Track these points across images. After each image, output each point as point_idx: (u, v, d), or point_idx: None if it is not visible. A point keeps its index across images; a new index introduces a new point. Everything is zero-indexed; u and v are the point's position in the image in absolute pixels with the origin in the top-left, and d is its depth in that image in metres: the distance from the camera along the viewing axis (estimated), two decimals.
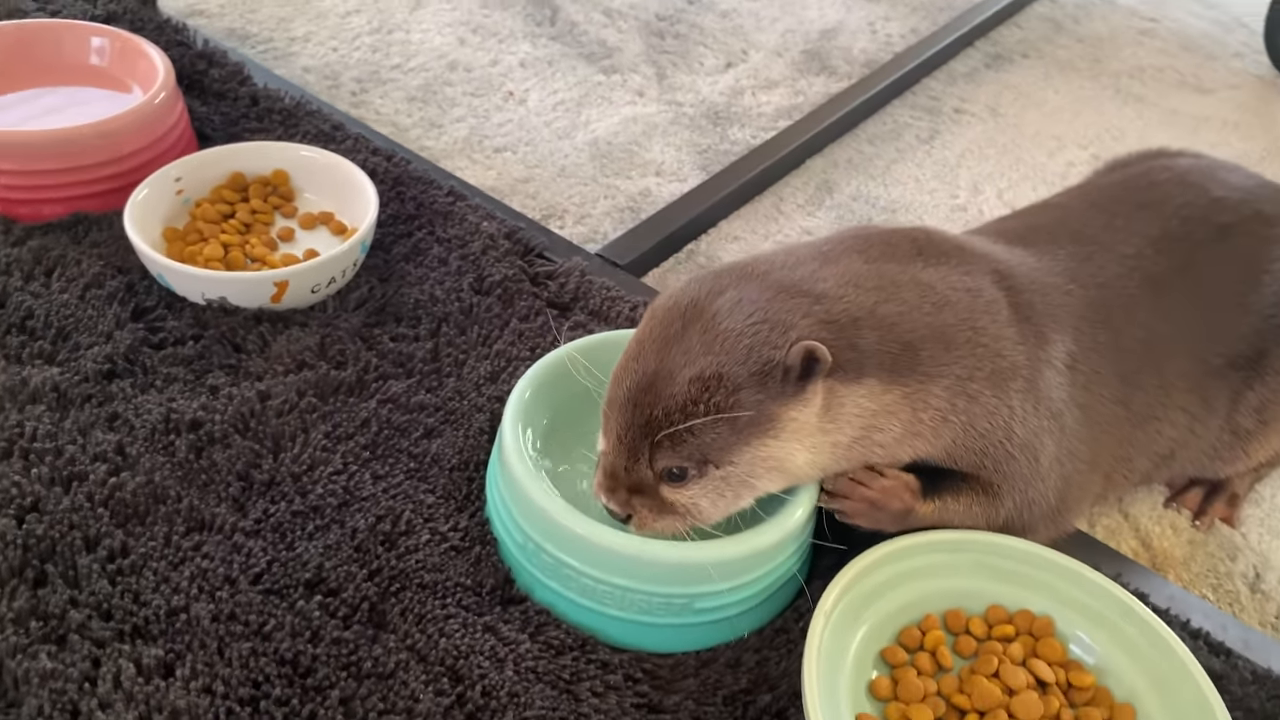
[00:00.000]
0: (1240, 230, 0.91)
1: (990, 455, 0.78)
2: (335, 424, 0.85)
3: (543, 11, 1.55)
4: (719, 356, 0.70)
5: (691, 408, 0.69)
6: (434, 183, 1.11)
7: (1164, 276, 0.88)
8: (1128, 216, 0.92)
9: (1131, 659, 0.76)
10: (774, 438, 0.71)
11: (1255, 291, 0.89)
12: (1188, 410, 0.89)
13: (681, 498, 0.72)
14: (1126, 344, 0.86)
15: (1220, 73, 1.72)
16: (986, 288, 0.81)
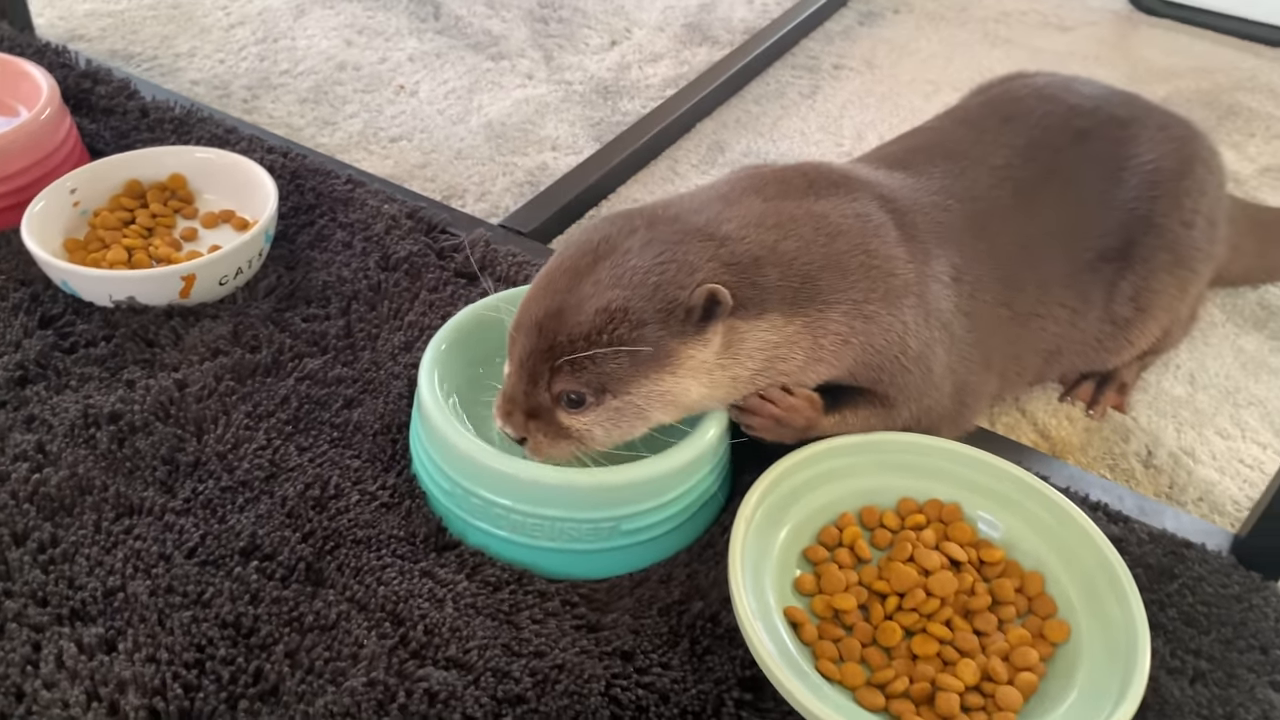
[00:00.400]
0: (1097, 133, 0.97)
1: (887, 370, 0.82)
2: (255, 404, 0.87)
3: (426, 9, 1.58)
4: (626, 291, 0.74)
5: (595, 337, 0.73)
6: (331, 173, 1.13)
7: (1032, 183, 0.94)
8: (995, 131, 0.97)
9: (1036, 532, 0.80)
10: (671, 373, 0.75)
11: (1116, 188, 0.96)
12: (1067, 305, 0.94)
13: (577, 423, 0.76)
14: (1004, 249, 0.91)
15: (1079, 11, 1.81)
16: (874, 212, 0.85)
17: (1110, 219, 0.95)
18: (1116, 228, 0.95)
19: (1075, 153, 0.96)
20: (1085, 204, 0.95)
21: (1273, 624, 0.78)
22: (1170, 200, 0.96)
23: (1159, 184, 0.96)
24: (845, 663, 0.73)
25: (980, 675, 0.72)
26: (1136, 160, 0.96)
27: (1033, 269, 0.93)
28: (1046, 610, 0.77)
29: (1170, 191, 0.96)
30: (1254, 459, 0.98)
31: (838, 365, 0.81)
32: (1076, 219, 0.95)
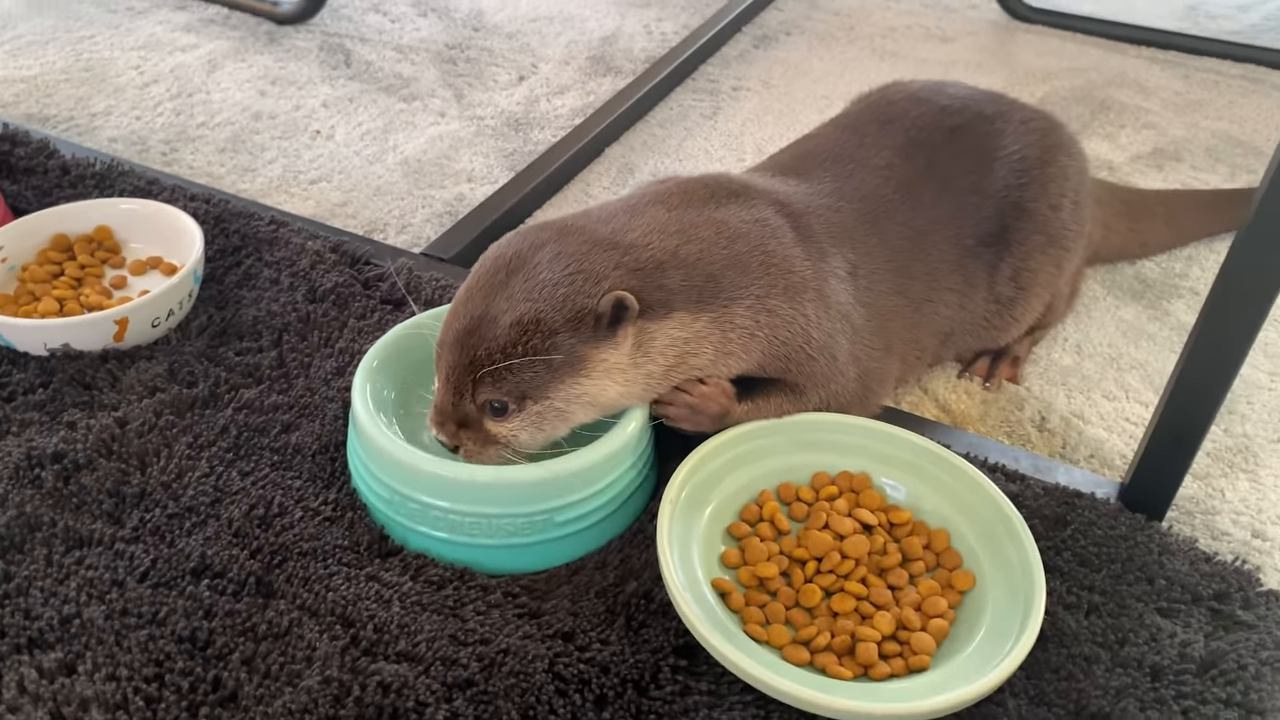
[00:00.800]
0: (967, 129, 1.05)
1: (793, 360, 0.89)
2: (196, 435, 0.90)
3: (336, 57, 1.63)
4: (537, 303, 0.79)
5: (511, 349, 0.78)
6: (255, 215, 1.17)
7: (914, 178, 1.02)
8: (875, 134, 1.05)
9: (939, 493, 0.87)
10: (586, 376, 0.81)
11: (988, 178, 1.04)
12: (955, 289, 1.02)
13: (503, 430, 0.81)
14: (894, 242, 0.99)
15: (959, 23, 1.92)
16: (771, 217, 0.92)
17: (986, 206, 1.03)
18: (992, 214, 1.03)
19: (949, 148, 1.04)
20: (962, 194, 1.03)
21: (1157, 557, 0.85)
22: (1038, 186, 1.04)
23: (1026, 171, 1.04)
24: (771, 625, 0.78)
25: (895, 625, 0.78)
26: (1004, 151, 1.05)
27: (921, 258, 1.00)
28: (953, 563, 0.83)
29: (1037, 178, 1.04)
30: (1138, 417, 1.06)
31: (746, 358, 0.88)
32: (956, 209, 1.03)
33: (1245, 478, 1.00)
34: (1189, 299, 1.23)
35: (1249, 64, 1.83)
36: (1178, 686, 0.75)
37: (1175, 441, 0.87)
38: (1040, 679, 0.76)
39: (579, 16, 1.84)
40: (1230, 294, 0.80)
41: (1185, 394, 0.85)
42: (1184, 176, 1.47)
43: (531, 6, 1.86)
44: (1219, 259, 1.28)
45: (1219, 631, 0.80)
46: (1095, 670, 0.76)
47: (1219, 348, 0.82)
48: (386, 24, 1.75)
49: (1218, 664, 0.77)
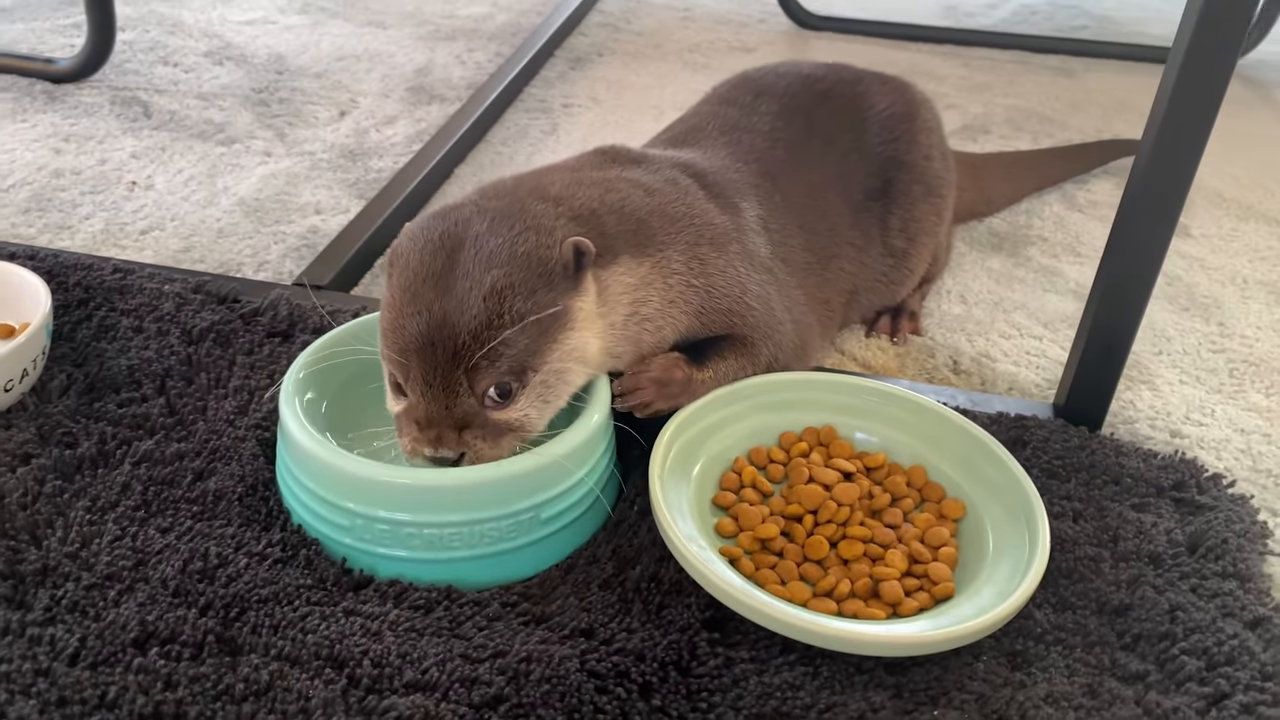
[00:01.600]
0: (835, 92, 1.08)
1: (736, 313, 0.86)
2: (94, 497, 0.77)
3: (133, 110, 1.49)
4: (504, 268, 0.73)
5: (497, 321, 0.71)
6: (93, 266, 1.03)
7: (798, 140, 1.03)
8: (752, 104, 1.06)
9: (904, 432, 0.87)
10: (571, 329, 0.75)
11: (864, 135, 1.06)
12: (854, 244, 1.03)
13: (512, 414, 0.74)
14: (795, 200, 0.99)
15: (756, 34, 2.00)
16: (679, 177, 0.90)
17: (868, 163, 1.06)
18: (875, 169, 1.06)
19: (823, 111, 1.06)
20: (844, 153, 1.05)
21: (1114, 460, 0.88)
22: (909, 139, 1.08)
23: (895, 127, 1.08)
24: (789, 583, 0.75)
25: (909, 560, 0.77)
26: (873, 110, 1.08)
27: (821, 215, 1.01)
28: (937, 495, 0.83)
29: (907, 131, 1.08)
30: (1036, 349, 1.11)
31: (688, 310, 0.85)
32: (841, 166, 1.04)
33: (1145, 388, 1.05)
34: (1039, 245, 1.31)
35: (1015, 50, 2.00)
36: (1178, 569, 0.78)
37: (1105, 352, 0.91)
38: (1056, 586, 0.76)
39: (385, 53, 1.77)
40: (1138, 202, 0.85)
41: (1108, 305, 0.89)
42: (996, 145, 1.58)
43: (333, 48, 1.78)
44: (1053, 211, 1.38)
45: (1188, 516, 0.83)
46: (1103, 568, 0.78)
47: (1135, 255, 0.87)
48: (180, 74, 1.62)
49: (1202, 543, 0.80)
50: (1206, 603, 0.74)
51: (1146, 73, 1.91)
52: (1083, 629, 0.73)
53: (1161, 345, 1.13)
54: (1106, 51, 1.98)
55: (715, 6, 2.15)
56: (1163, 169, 0.83)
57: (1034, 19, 2.20)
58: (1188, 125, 0.80)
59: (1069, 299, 1.20)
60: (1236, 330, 1.16)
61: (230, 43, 1.77)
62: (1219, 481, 0.88)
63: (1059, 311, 1.18)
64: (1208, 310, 1.19)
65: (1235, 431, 1.00)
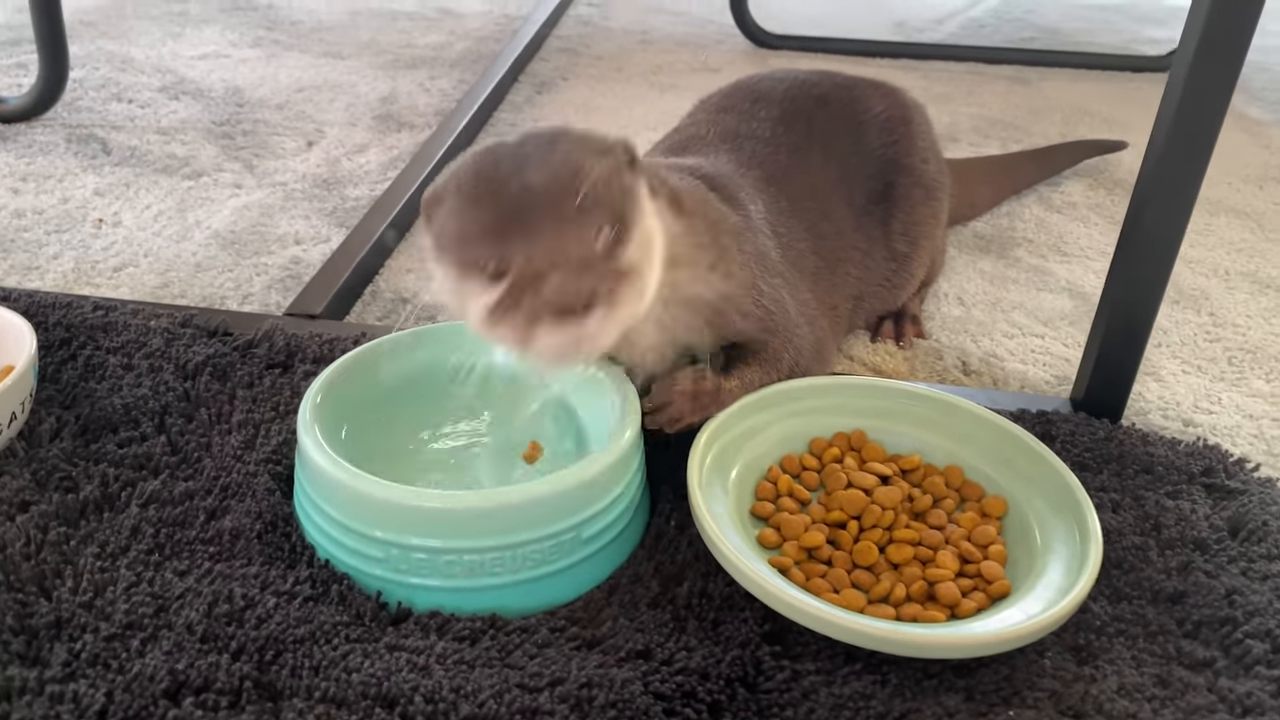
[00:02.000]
0: (832, 97, 1.07)
1: (753, 316, 0.84)
2: (102, 543, 0.72)
3: (92, 147, 1.43)
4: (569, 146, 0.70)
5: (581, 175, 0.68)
6: (72, 305, 0.98)
7: (799, 144, 1.02)
8: (750, 111, 1.05)
9: (934, 432, 0.85)
10: (643, 211, 0.73)
11: (863, 138, 1.06)
12: (859, 248, 1.02)
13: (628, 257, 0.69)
14: (800, 205, 0.98)
15: (717, 55, 2.00)
16: (687, 179, 0.88)
17: (868, 166, 1.05)
18: (875, 172, 1.05)
19: (822, 115, 1.05)
20: (846, 156, 1.04)
21: (1143, 450, 0.88)
22: (906, 142, 1.07)
23: (893, 130, 1.07)
24: (842, 591, 0.73)
25: (960, 561, 0.75)
26: (870, 113, 1.08)
27: (827, 218, 1.00)
28: (977, 494, 0.81)
29: (904, 135, 1.08)
30: (1040, 347, 1.10)
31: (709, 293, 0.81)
32: (843, 170, 1.04)
33: (1152, 380, 1.06)
34: (1026, 246, 1.32)
35: (969, 61, 2.03)
36: (1225, 553, 0.77)
37: (1123, 346, 0.91)
38: (1108, 576, 0.75)
39: (346, 83, 1.74)
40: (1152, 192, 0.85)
41: (1124, 298, 0.89)
42: (967, 152, 1.59)
43: (291, 79, 1.74)
44: (1033, 213, 1.39)
45: (1222, 501, 0.83)
46: (1151, 556, 0.77)
47: (1149, 247, 0.87)
48: (136, 110, 1.57)
49: (1243, 526, 0.79)
50: (1260, 585, 0.74)
51: (1099, 79, 1.95)
52: (1142, 619, 0.72)
53: (1159, 338, 1.13)
54: (1060, 61, 2.02)
55: (672, 29, 2.15)
56: (1175, 161, 0.83)
57: (982, 32, 2.24)
58: (1199, 120, 0.81)
59: (1063, 296, 1.20)
60: (1228, 319, 1.17)
61: (184, 77, 1.72)
62: (1244, 465, 0.87)
63: (1055, 309, 1.18)
64: (1197, 302, 1.21)
65: (1245, 417, 1.00)
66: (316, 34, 1.99)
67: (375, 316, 1.09)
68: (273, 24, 2.04)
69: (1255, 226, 1.40)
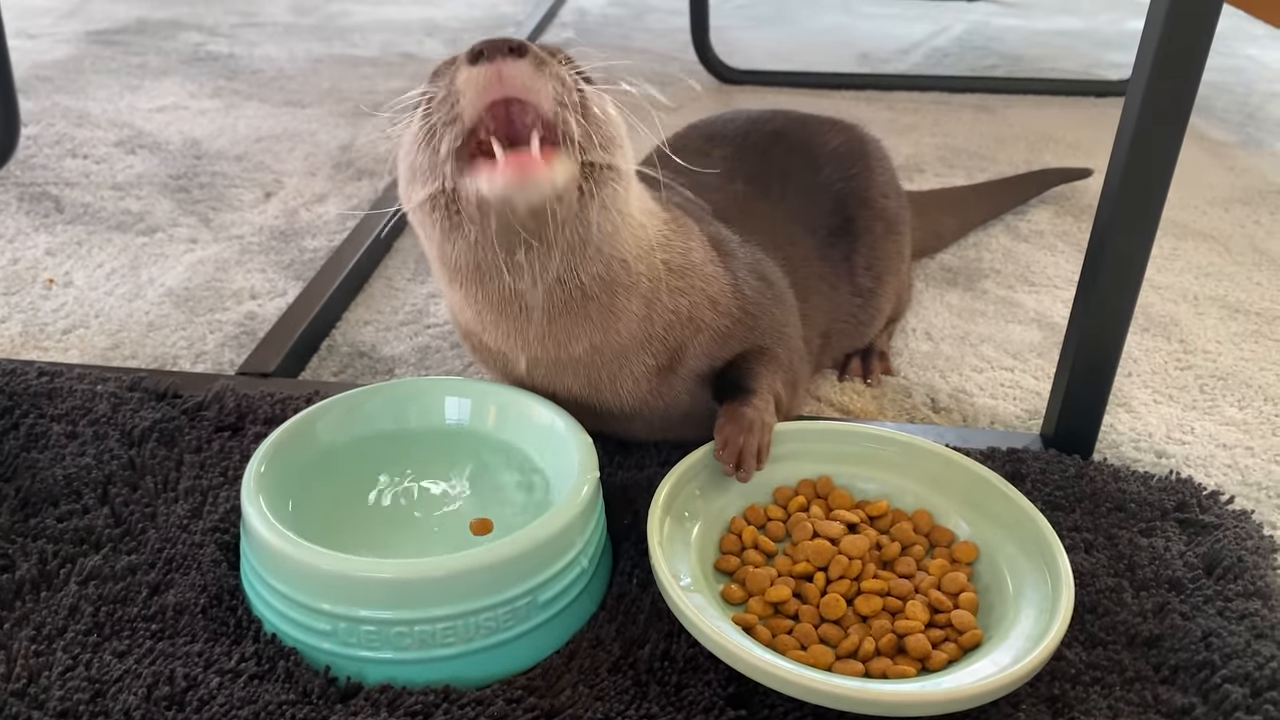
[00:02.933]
0: (786, 132, 1.07)
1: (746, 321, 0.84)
2: (38, 625, 0.69)
3: (44, 205, 1.41)
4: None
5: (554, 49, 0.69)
6: (15, 371, 0.95)
7: (759, 179, 1.01)
8: (706, 150, 1.04)
9: (902, 476, 0.83)
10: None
11: (820, 172, 1.05)
12: (825, 279, 1.01)
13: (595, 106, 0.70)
14: (767, 234, 0.96)
15: (680, 92, 1.99)
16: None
17: (826, 200, 1.04)
18: (834, 207, 1.04)
19: (778, 149, 1.05)
20: (804, 190, 1.03)
21: (1114, 486, 0.86)
22: (864, 176, 1.07)
23: (851, 165, 1.06)
24: (809, 648, 0.70)
25: (930, 610, 0.73)
26: (827, 148, 1.07)
27: (794, 248, 0.99)
28: (947, 539, 0.79)
29: (861, 169, 1.07)
30: (1010, 381, 1.09)
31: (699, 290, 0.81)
32: (803, 202, 1.03)
33: (1124, 411, 1.04)
34: (993, 277, 1.31)
35: (934, 91, 2.03)
36: (1200, 593, 0.75)
37: (1090, 379, 0.89)
38: (1081, 621, 0.73)
39: (305, 132, 1.72)
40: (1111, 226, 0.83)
41: (1090, 332, 0.87)
42: (933, 183, 1.58)
43: (250, 129, 1.72)
44: (1000, 243, 1.38)
45: (1196, 537, 0.81)
46: (1125, 599, 0.75)
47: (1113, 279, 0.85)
48: (91, 166, 1.55)
49: (1218, 563, 0.77)
50: (1237, 625, 0.72)
51: (1062, 105, 1.96)
52: (1118, 665, 0.70)
53: (1129, 367, 1.12)
54: (1023, 88, 2.03)
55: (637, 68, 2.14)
56: (1135, 189, 0.82)
57: (946, 61, 2.25)
58: (1156, 146, 0.80)
59: (1031, 328, 1.19)
60: (1198, 346, 1.16)
61: (141, 131, 1.70)
62: (1218, 499, 0.86)
63: (1024, 341, 1.16)
64: (1167, 329, 1.20)
65: (1218, 447, 0.99)
66: (277, 82, 1.97)
67: (331, 372, 1.07)
68: (233, 73, 2.02)
69: (1222, 250, 1.40)
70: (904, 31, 2.50)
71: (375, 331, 1.14)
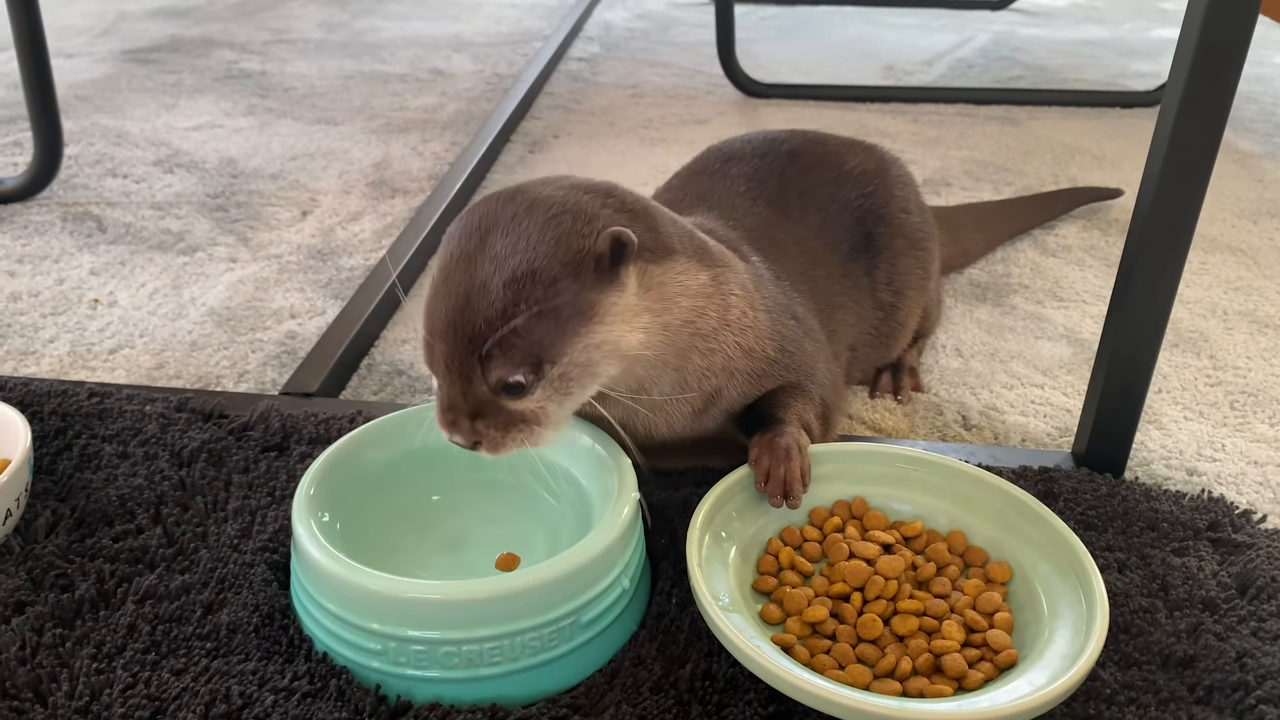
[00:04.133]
0: (803, 151, 1.08)
1: (781, 360, 0.85)
2: (98, 643, 0.72)
3: (87, 225, 1.44)
4: (528, 254, 0.70)
5: (511, 310, 0.69)
6: (66, 392, 0.98)
7: (778, 198, 1.03)
8: (724, 171, 1.05)
9: (936, 497, 0.85)
10: (600, 323, 0.72)
11: (838, 189, 1.06)
12: (848, 294, 1.03)
13: (527, 405, 0.72)
14: (789, 255, 0.98)
15: (707, 106, 2.02)
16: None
17: (846, 217, 1.05)
18: (854, 224, 1.05)
19: (794, 169, 1.06)
20: (822, 207, 1.05)
21: (1146, 506, 0.87)
22: (884, 193, 1.08)
23: (869, 182, 1.07)
24: (847, 667, 0.72)
25: (965, 630, 0.74)
26: (844, 167, 1.08)
27: (816, 264, 1.00)
28: (981, 559, 0.80)
29: (881, 186, 1.08)
30: (1040, 398, 1.10)
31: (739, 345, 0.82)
32: (822, 220, 1.04)
33: (1154, 428, 1.05)
34: (1022, 293, 1.31)
35: (958, 103, 2.04)
36: (1234, 613, 0.76)
37: (1123, 397, 0.90)
38: (1116, 641, 0.74)
39: (339, 150, 1.75)
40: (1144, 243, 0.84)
41: (1122, 349, 0.88)
42: (960, 197, 1.59)
43: (285, 148, 1.75)
44: (1028, 258, 1.39)
45: (1229, 556, 0.82)
46: (1159, 619, 0.76)
47: (1145, 296, 0.86)
48: (130, 185, 1.58)
49: (1252, 583, 0.78)
50: (1271, 646, 0.73)
51: (1088, 116, 1.96)
52: (1152, 686, 0.71)
53: (1159, 383, 1.13)
54: (1049, 99, 2.03)
55: (662, 82, 2.17)
56: (1168, 207, 0.82)
57: (970, 73, 2.26)
58: (1190, 161, 0.80)
59: (1061, 344, 1.20)
60: (1228, 362, 1.17)
61: (179, 150, 1.73)
62: (1250, 518, 0.87)
63: (1054, 358, 1.17)
64: (1196, 345, 1.20)
65: (1249, 464, 1.00)
66: (309, 100, 2.01)
67: (371, 391, 1.09)
68: (266, 91, 2.06)
69: (1251, 263, 1.40)
70: (928, 42, 2.51)
71: (413, 350, 1.16)
